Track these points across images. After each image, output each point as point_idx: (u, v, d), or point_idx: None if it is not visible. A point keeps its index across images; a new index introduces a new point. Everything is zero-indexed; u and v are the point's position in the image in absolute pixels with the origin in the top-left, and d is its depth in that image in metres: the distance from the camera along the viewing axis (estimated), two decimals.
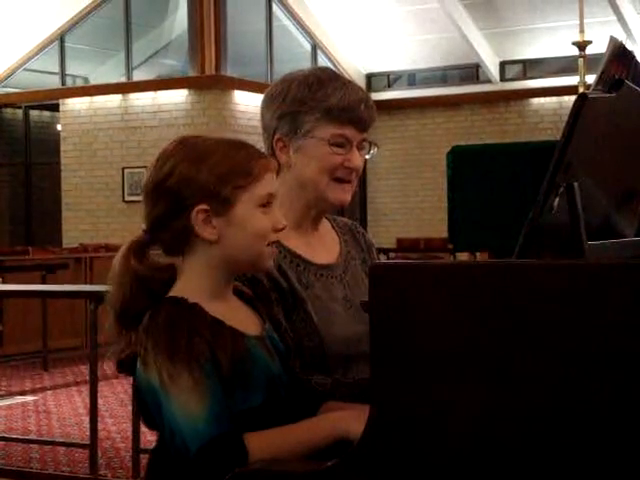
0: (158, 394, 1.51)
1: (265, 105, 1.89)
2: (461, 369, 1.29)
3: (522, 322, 1.27)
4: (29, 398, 7.17)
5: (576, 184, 1.51)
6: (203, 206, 1.57)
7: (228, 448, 1.47)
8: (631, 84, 1.65)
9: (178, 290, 1.59)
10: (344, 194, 1.87)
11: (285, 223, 1.64)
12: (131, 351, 1.57)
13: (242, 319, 1.62)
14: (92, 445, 4.93)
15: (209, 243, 1.58)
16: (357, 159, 1.86)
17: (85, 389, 6.71)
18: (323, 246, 1.93)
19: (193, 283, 1.59)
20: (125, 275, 1.59)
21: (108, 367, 8.08)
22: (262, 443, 1.49)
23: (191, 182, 1.57)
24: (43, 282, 8.22)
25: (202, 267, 1.60)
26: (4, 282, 7.98)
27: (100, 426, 5.32)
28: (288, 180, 1.87)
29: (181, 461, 1.50)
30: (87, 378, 5.87)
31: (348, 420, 1.50)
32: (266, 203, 1.60)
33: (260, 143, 1.70)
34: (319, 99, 1.82)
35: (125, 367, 1.59)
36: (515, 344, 1.27)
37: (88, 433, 5.10)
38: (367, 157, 1.91)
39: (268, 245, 1.62)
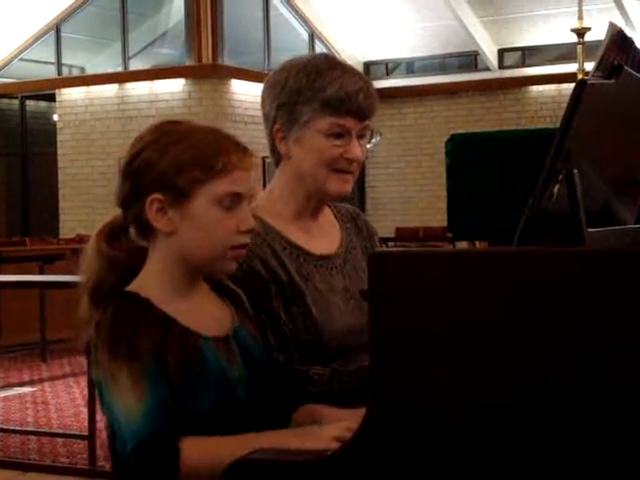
0: (103, 392, 1.47)
1: (265, 93, 1.87)
2: (460, 356, 1.29)
3: (521, 309, 1.27)
4: (27, 389, 7.18)
5: (576, 171, 1.50)
6: (158, 195, 1.50)
7: (159, 450, 1.41)
8: (630, 70, 1.63)
9: (136, 283, 1.54)
10: (344, 185, 1.84)
11: (253, 226, 1.55)
12: None
13: (204, 318, 1.56)
14: (90, 436, 4.93)
15: (166, 235, 1.52)
16: (357, 150, 1.82)
17: (83, 380, 6.70)
18: (323, 236, 1.91)
19: (152, 276, 1.54)
20: (94, 255, 1.56)
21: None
22: (197, 450, 1.43)
23: (151, 168, 1.51)
24: (41, 273, 8.23)
25: (162, 259, 1.54)
26: (1, 273, 7.98)
27: (98, 417, 5.31)
28: (287, 171, 1.85)
29: (121, 461, 1.46)
30: (85, 369, 5.86)
31: (291, 439, 1.45)
32: (230, 202, 1.51)
33: (256, 132, 1.66)
34: (317, 89, 1.79)
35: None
36: (513, 331, 1.27)
37: (86, 424, 5.10)
38: (369, 145, 1.88)
39: (233, 248, 1.54)
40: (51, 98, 13.93)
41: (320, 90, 1.79)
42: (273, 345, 1.73)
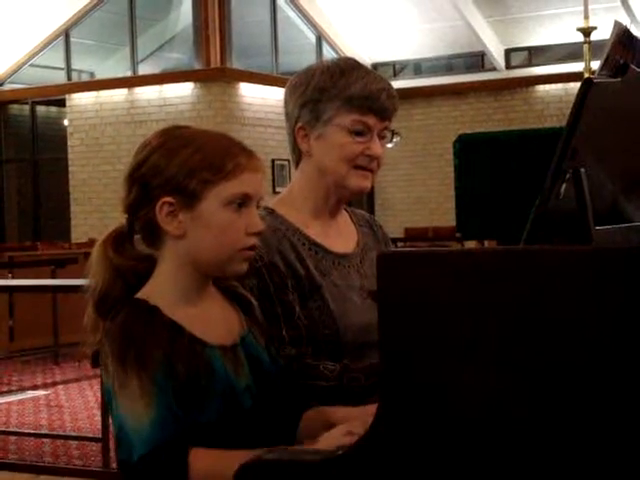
0: (112, 398, 1.48)
1: (288, 94, 1.90)
2: (469, 355, 1.28)
3: (529, 308, 1.27)
4: (41, 392, 7.19)
5: (583, 170, 1.50)
6: (168, 199, 1.50)
7: (168, 459, 1.42)
8: (636, 68, 1.64)
9: (145, 290, 1.54)
10: (364, 181, 1.86)
11: (261, 228, 1.56)
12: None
13: (212, 325, 1.56)
14: (104, 439, 4.93)
15: (176, 238, 1.52)
16: (378, 147, 1.84)
17: (96, 383, 6.72)
18: (341, 235, 1.93)
19: (161, 282, 1.54)
20: (101, 263, 1.56)
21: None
22: (206, 460, 1.44)
23: (160, 172, 1.51)
24: (53, 277, 8.24)
25: (171, 264, 1.54)
26: (14, 277, 8.00)
27: (111, 420, 5.33)
28: (308, 168, 1.88)
29: (127, 469, 1.47)
30: (98, 372, 5.87)
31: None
32: (240, 204, 1.52)
33: (265, 135, 1.68)
34: (341, 87, 1.82)
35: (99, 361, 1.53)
36: (522, 329, 1.27)
37: (100, 427, 5.10)
38: (390, 145, 1.91)
39: (242, 250, 1.54)
40: (61, 103, 13.97)
41: (344, 88, 1.82)
42: (286, 339, 1.74)
